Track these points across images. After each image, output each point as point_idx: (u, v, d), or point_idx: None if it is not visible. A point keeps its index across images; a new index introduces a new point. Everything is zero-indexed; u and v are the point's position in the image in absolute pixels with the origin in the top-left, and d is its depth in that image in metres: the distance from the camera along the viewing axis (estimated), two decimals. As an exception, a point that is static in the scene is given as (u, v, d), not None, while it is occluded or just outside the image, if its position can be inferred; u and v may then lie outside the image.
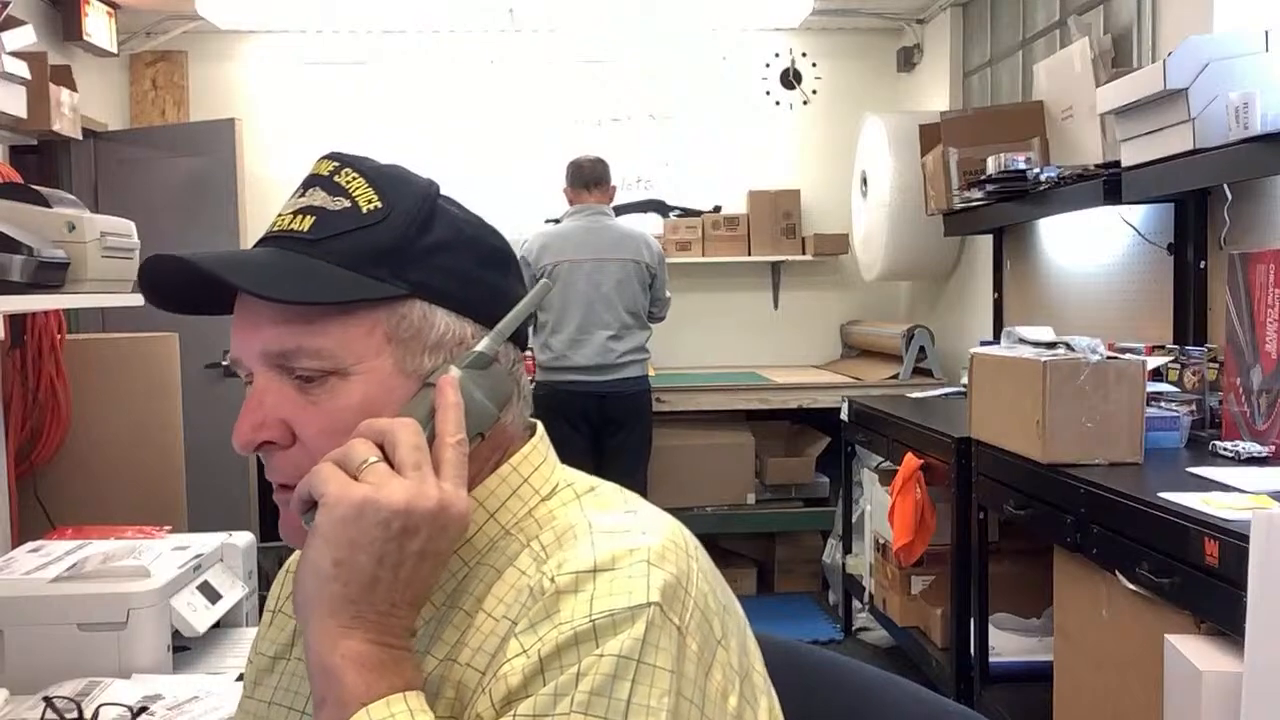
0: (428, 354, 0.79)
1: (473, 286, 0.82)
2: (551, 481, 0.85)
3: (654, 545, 0.73)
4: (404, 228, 0.79)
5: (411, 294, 0.79)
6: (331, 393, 0.77)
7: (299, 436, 0.78)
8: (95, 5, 4.30)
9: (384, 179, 0.81)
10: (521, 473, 0.84)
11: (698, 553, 0.78)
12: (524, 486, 0.83)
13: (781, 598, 4.58)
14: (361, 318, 0.77)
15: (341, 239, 0.78)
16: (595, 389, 3.96)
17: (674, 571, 0.73)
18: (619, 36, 5.12)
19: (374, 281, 0.77)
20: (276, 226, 0.82)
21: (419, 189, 0.82)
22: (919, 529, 3.01)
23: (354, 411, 0.76)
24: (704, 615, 0.74)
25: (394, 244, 0.79)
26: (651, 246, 4.08)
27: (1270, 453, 2.21)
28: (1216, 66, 2.35)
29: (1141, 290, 3.09)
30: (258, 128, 4.95)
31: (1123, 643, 2.04)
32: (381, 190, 0.80)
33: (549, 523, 0.80)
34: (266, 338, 0.78)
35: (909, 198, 4.31)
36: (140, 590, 1.54)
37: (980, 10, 4.55)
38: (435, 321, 0.79)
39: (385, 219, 0.79)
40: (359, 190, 0.80)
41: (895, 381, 4.50)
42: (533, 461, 0.85)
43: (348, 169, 0.81)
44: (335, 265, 0.77)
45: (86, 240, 2.22)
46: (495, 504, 0.82)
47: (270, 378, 0.78)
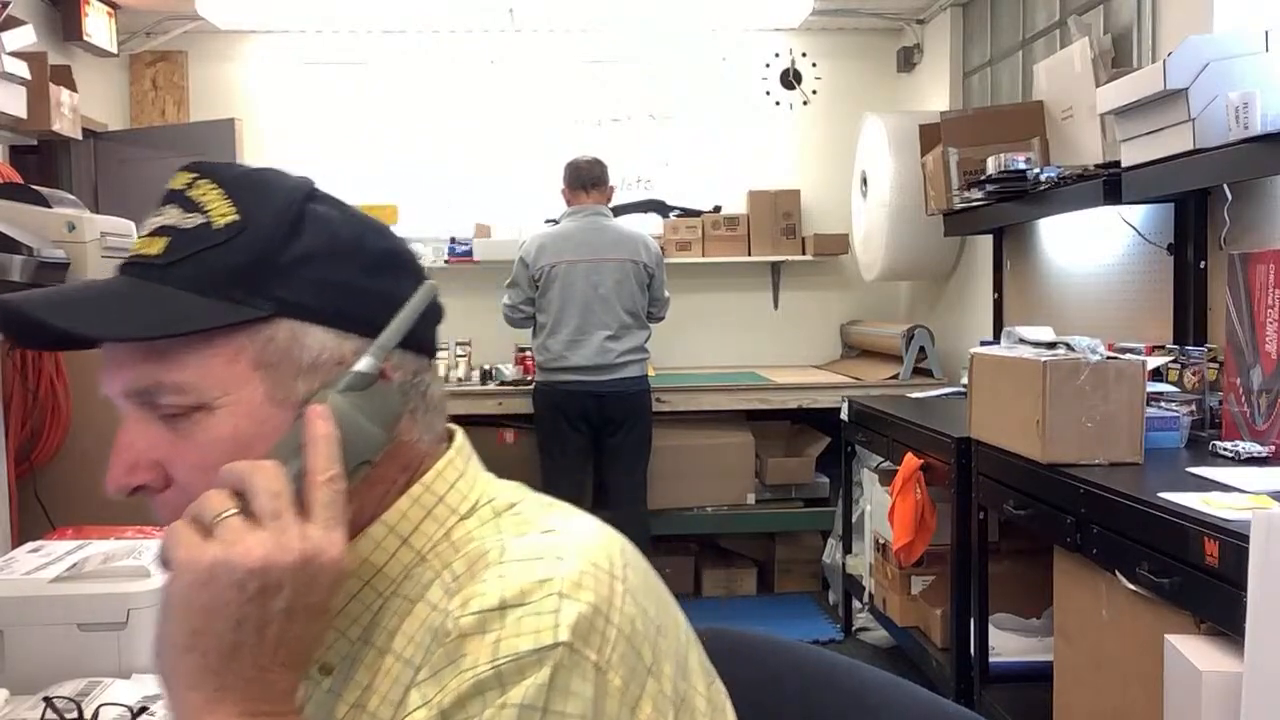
0: (302, 378, 0.72)
1: (354, 297, 0.74)
2: (470, 498, 0.78)
3: (568, 574, 0.67)
4: (263, 241, 0.72)
5: (275, 314, 0.71)
6: (200, 428, 0.71)
7: (173, 477, 0.72)
8: (95, 5, 4.30)
9: (243, 188, 0.73)
10: (435, 491, 0.77)
11: (626, 571, 0.71)
12: (439, 506, 0.77)
13: (781, 598, 4.57)
14: (222, 346, 0.71)
15: (192, 261, 0.71)
16: (594, 389, 3.96)
17: (591, 601, 0.67)
18: (619, 36, 5.12)
19: (229, 305, 0.70)
20: (133, 250, 0.75)
21: (284, 194, 0.74)
22: (919, 529, 3.01)
23: (225, 447, 0.70)
24: (630, 644, 0.68)
25: (252, 260, 0.71)
26: (650, 247, 4.08)
27: (1270, 453, 2.21)
28: (1216, 66, 2.35)
29: (1141, 290, 3.09)
30: (258, 128, 4.95)
31: (1123, 643, 2.03)
32: (238, 201, 0.72)
33: (466, 545, 0.74)
34: (125, 375, 0.72)
35: (909, 198, 4.31)
36: (140, 590, 1.54)
37: (980, 10, 4.55)
38: (307, 342, 0.72)
39: (240, 233, 0.71)
40: (213, 203, 0.73)
41: (895, 381, 4.50)
42: (447, 478, 0.78)
43: (205, 180, 0.74)
44: (186, 291, 0.70)
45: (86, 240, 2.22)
46: (408, 528, 0.76)
47: (138, 416, 0.73)
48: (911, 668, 3.28)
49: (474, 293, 4.91)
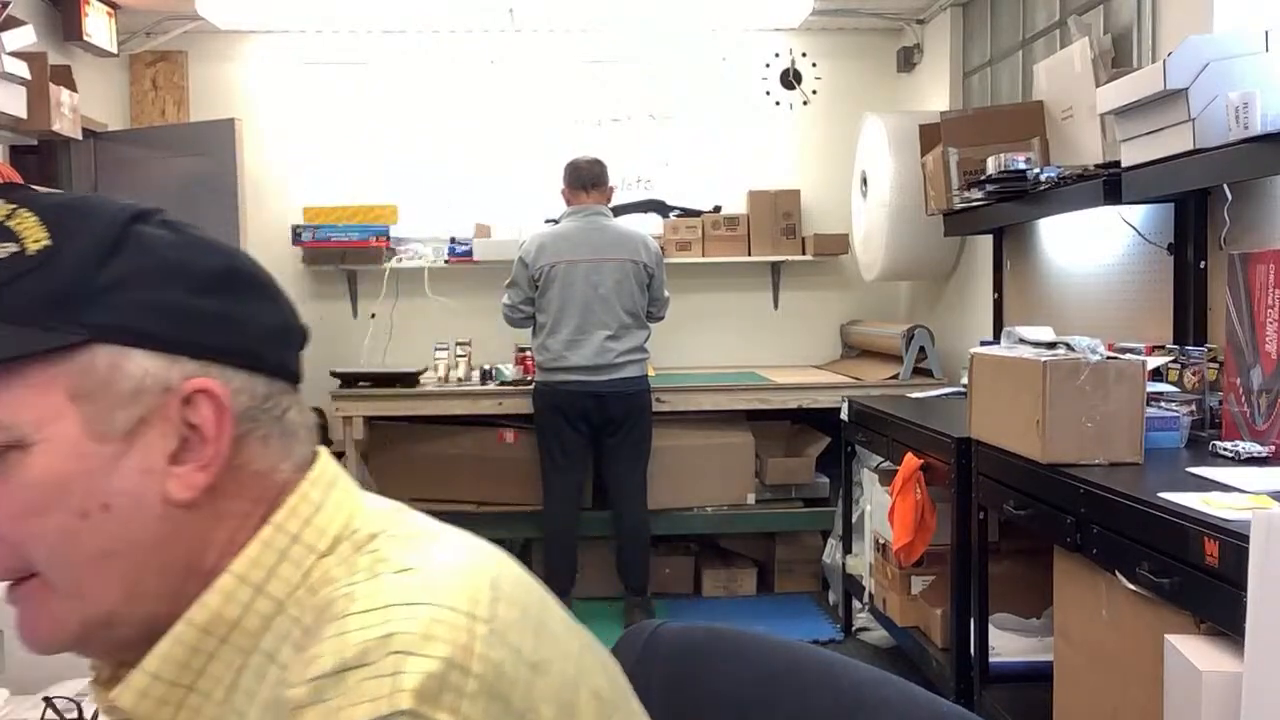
0: (122, 409, 0.67)
1: (181, 320, 0.69)
2: (330, 533, 0.72)
3: (415, 627, 0.61)
4: (75, 265, 0.67)
5: (91, 340, 0.66)
6: (15, 469, 0.66)
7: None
8: (95, 5, 4.30)
9: (59, 213, 0.68)
10: (288, 530, 0.71)
11: (495, 608, 0.66)
12: (294, 547, 0.70)
13: (781, 598, 4.57)
14: (34, 377, 0.66)
15: (4, 291, 0.66)
16: (593, 389, 3.96)
17: (443, 654, 0.61)
18: (619, 36, 5.12)
19: (37, 333, 0.66)
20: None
21: (105, 217, 0.69)
22: (919, 529, 3.01)
23: (41, 489, 0.66)
24: (494, 693, 0.62)
25: (64, 285, 0.66)
26: (649, 246, 4.08)
27: (1270, 453, 2.21)
28: (1216, 66, 2.35)
29: (1141, 290, 3.09)
30: (258, 128, 4.95)
31: (1123, 643, 2.03)
32: (53, 226, 0.68)
33: (323, 588, 0.68)
34: None
35: (909, 198, 4.31)
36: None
37: (980, 10, 4.55)
38: (128, 368, 0.67)
39: (52, 259, 0.67)
40: (28, 231, 0.68)
41: (895, 381, 4.49)
42: (301, 513, 0.72)
43: (22, 210, 0.69)
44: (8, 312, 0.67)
45: (86, 240, 2.22)
46: (260, 575, 0.69)
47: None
48: (911, 668, 3.28)
49: (474, 293, 4.92)
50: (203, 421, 0.69)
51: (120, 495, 0.67)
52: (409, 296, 4.99)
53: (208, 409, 0.69)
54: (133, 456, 0.68)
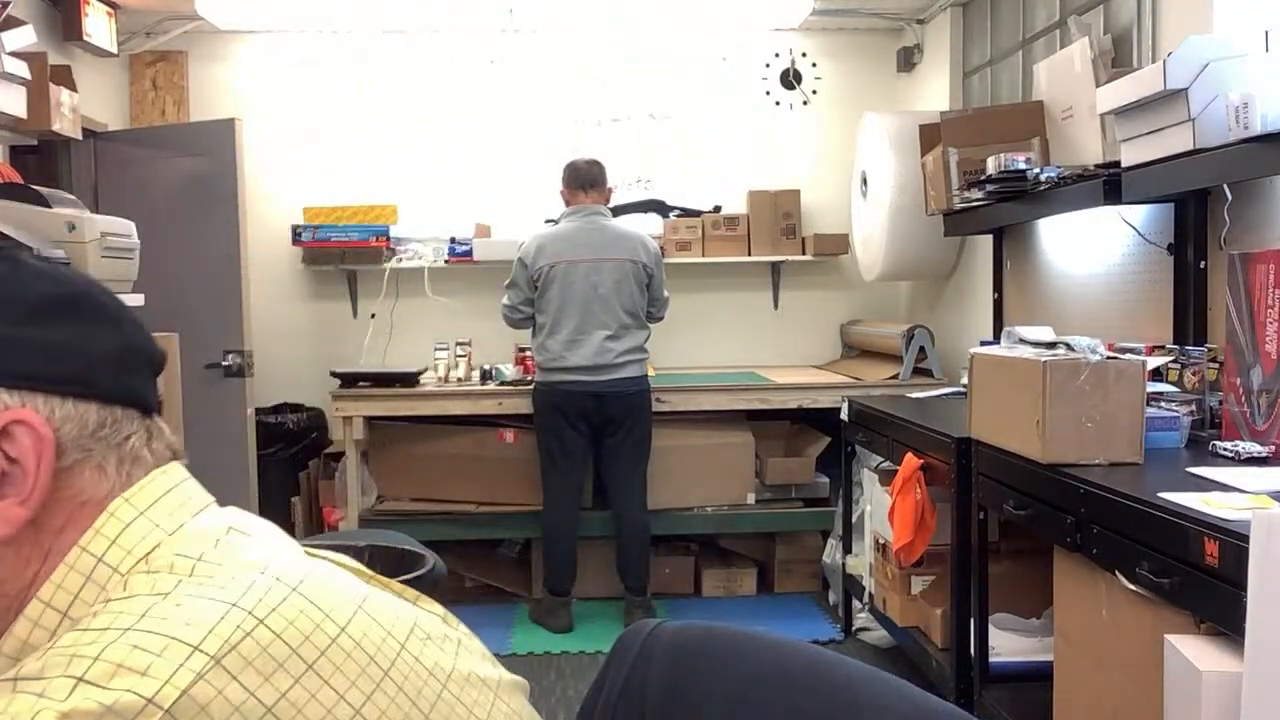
0: None
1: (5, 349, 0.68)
2: (136, 553, 0.69)
3: (112, 655, 0.59)
4: None
5: None
6: None
7: None
8: (95, 5, 4.30)
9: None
10: (93, 551, 0.68)
11: (239, 645, 0.62)
12: (98, 568, 0.68)
13: (781, 598, 4.57)
14: None
15: None
16: (593, 389, 3.96)
17: (124, 688, 0.58)
18: (619, 36, 5.12)
19: None
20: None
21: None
22: (919, 529, 3.01)
23: None
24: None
25: None
26: (649, 247, 4.08)
27: (1270, 453, 2.21)
28: (1216, 66, 2.35)
29: (1141, 290, 3.09)
30: (258, 128, 4.95)
31: (1123, 643, 2.03)
32: None
33: (105, 615, 0.64)
34: None
35: (909, 198, 4.31)
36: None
37: (980, 10, 4.55)
38: None
39: None
40: None
41: (895, 381, 4.50)
42: (107, 533, 0.69)
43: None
44: None
45: (86, 240, 2.22)
46: (65, 600, 0.67)
47: None
48: (911, 668, 3.28)
49: (474, 293, 4.93)
50: (21, 454, 0.67)
51: None
52: (409, 296, 4.99)
53: (27, 440, 0.67)
54: None
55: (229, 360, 4.33)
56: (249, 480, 4.39)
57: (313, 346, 5.03)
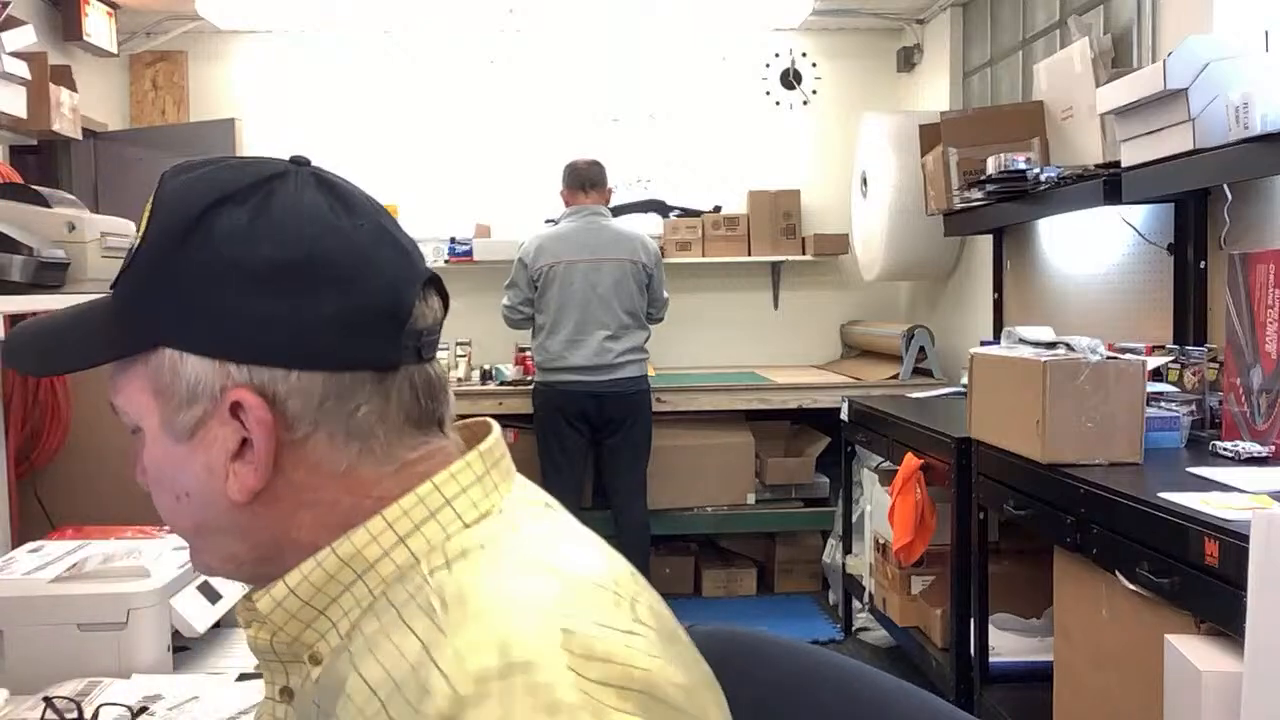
0: (184, 410, 0.69)
1: (230, 323, 0.67)
2: (480, 508, 0.72)
3: (574, 645, 0.61)
4: (150, 264, 0.69)
5: (157, 343, 0.69)
6: (142, 449, 0.74)
7: None
8: (95, 5, 4.30)
9: (165, 200, 0.70)
10: (444, 493, 0.71)
11: (636, 621, 0.66)
12: (444, 510, 0.71)
13: (781, 598, 4.57)
14: (134, 373, 0.71)
15: (120, 281, 0.72)
16: (592, 389, 3.96)
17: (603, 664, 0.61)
18: (619, 36, 5.12)
19: (123, 335, 0.70)
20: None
21: (188, 206, 0.68)
22: (919, 529, 3.01)
23: (152, 469, 0.73)
24: (652, 707, 0.62)
25: (140, 285, 0.70)
26: (648, 247, 4.08)
27: (1270, 453, 2.21)
28: (1216, 66, 2.35)
29: (1141, 290, 3.09)
30: (258, 128, 4.95)
31: (1123, 643, 2.03)
32: (151, 215, 0.70)
33: (460, 561, 0.68)
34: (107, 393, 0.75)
35: (909, 198, 4.31)
36: (140, 590, 1.54)
37: (980, 10, 4.55)
38: (183, 372, 0.68)
39: (136, 255, 0.70)
40: (144, 217, 0.71)
41: (895, 381, 4.50)
42: (460, 481, 0.72)
43: (159, 190, 0.71)
44: (106, 316, 0.72)
45: (86, 240, 2.22)
46: (407, 527, 0.70)
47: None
48: (911, 668, 3.28)
49: (474, 293, 4.92)
50: (253, 426, 0.69)
51: (193, 488, 0.72)
52: (409, 296, 4.99)
53: (255, 415, 0.68)
54: (197, 455, 0.70)
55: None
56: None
57: (313, 346, 5.03)
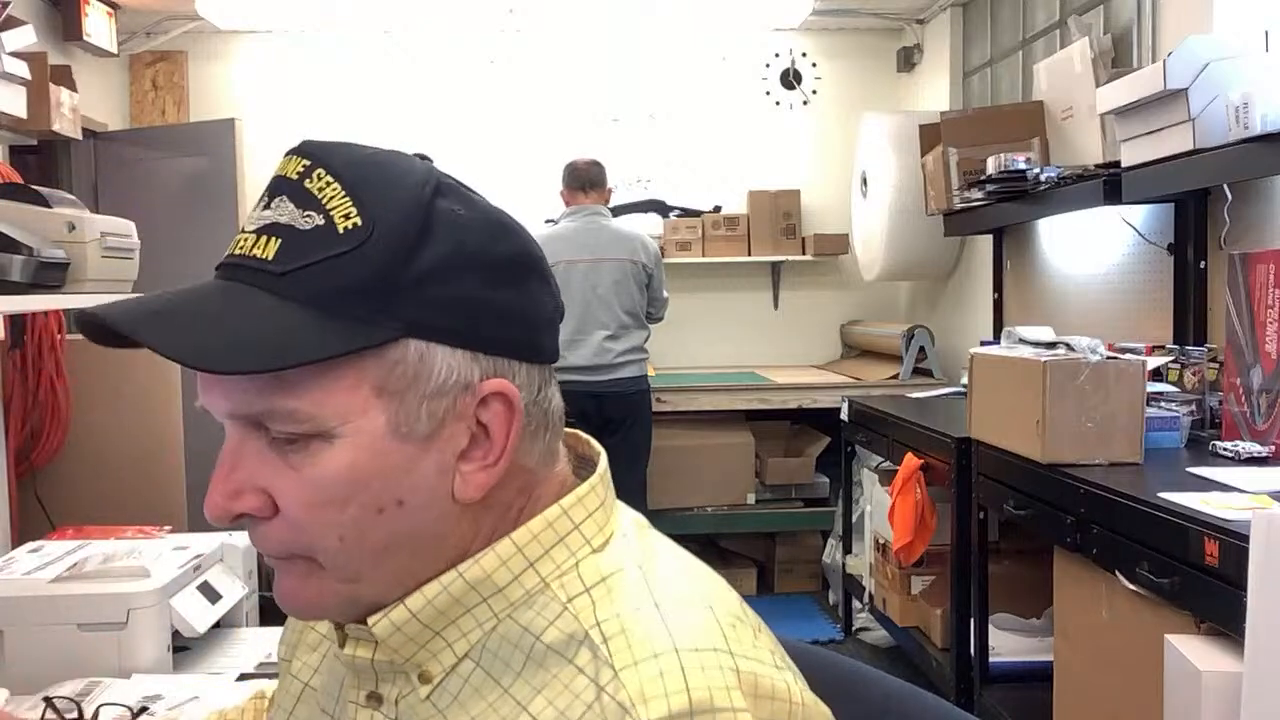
0: (427, 406, 0.65)
1: (479, 314, 0.67)
2: (605, 532, 0.72)
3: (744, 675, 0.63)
4: (390, 251, 0.64)
5: (403, 335, 0.64)
6: (314, 459, 0.65)
7: (280, 508, 0.66)
8: (95, 5, 4.30)
9: (365, 184, 0.66)
10: (573, 518, 0.71)
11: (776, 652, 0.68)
12: (573, 534, 0.70)
13: (781, 598, 4.57)
14: (344, 370, 0.64)
15: (312, 271, 0.63)
16: (592, 389, 3.96)
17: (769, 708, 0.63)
18: (619, 36, 5.12)
19: (353, 325, 0.63)
20: (239, 249, 0.66)
21: (409, 193, 0.66)
22: (919, 529, 3.01)
23: (342, 481, 0.64)
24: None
25: (379, 274, 0.63)
26: (648, 247, 4.07)
27: (1270, 453, 2.21)
28: (1216, 66, 2.35)
29: (1141, 290, 3.09)
30: (258, 128, 4.95)
31: (1123, 643, 2.03)
32: (361, 201, 0.65)
33: (599, 587, 0.68)
34: (233, 397, 0.65)
35: (909, 198, 4.31)
36: (140, 590, 1.54)
37: (980, 10, 4.55)
38: (434, 364, 0.65)
39: (366, 241, 0.64)
40: (334, 202, 0.65)
41: (895, 381, 4.50)
42: (587, 505, 0.72)
43: (320, 170, 0.66)
44: (304, 307, 0.63)
45: (86, 240, 2.22)
46: (537, 551, 0.69)
47: (245, 437, 0.66)
48: (911, 668, 3.28)
49: (474, 293, 4.92)
50: (492, 420, 0.68)
51: (415, 493, 0.66)
52: (409, 296, 4.99)
53: (499, 407, 0.68)
54: (431, 454, 0.66)
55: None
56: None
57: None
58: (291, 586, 0.69)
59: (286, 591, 0.69)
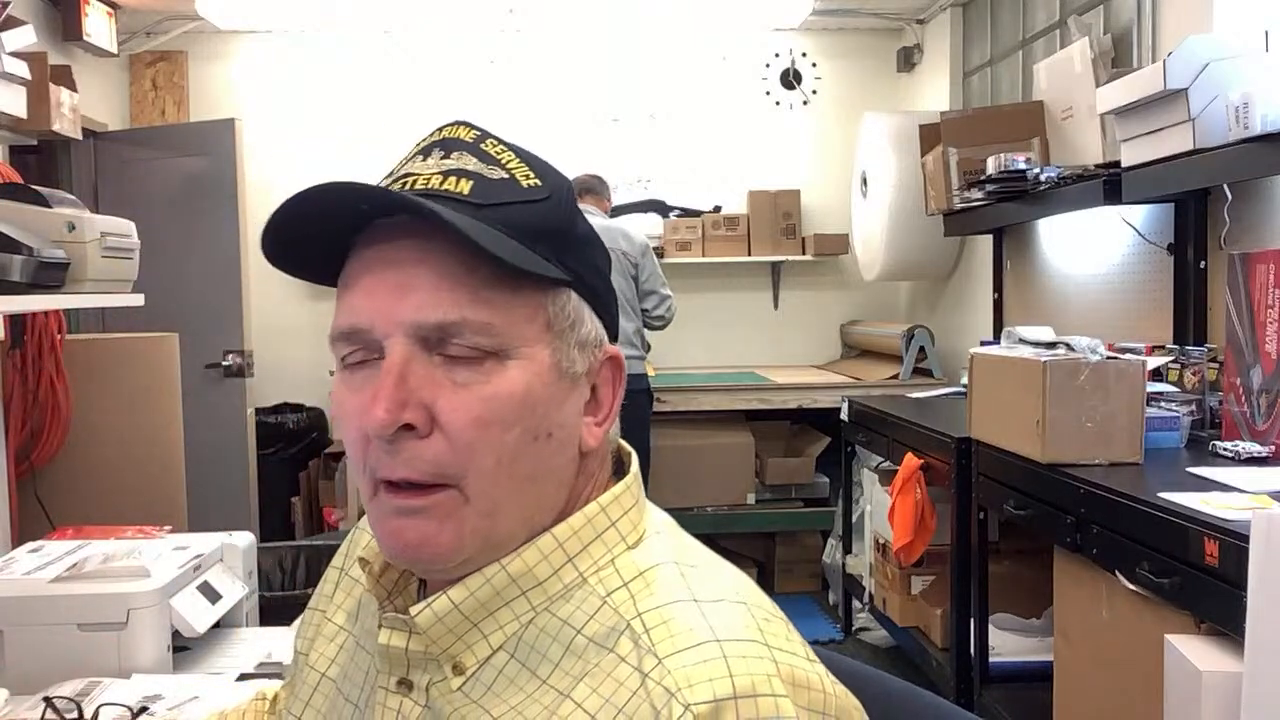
0: (577, 351, 0.72)
1: (606, 287, 0.76)
2: (639, 529, 0.75)
3: (780, 672, 0.64)
4: (563, 212, 0.72)
5: (572, 283, 0.72)
6: (487, 377, 0.68)
7: (441, 424, 0.67)
8: (95, 5, 4.30)
9: (532, 158, 0.74)
10: (610, 515, 0.73)
11: (805, 645, 0.70)
12: (609, 531, 0.73)
13: (781, 598, 4.57)
14: (527, 298, 0.69)
15: (508, 209, 0.69)
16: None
17: (806, 698, 0.65)
18: (619, 36, 5.12)
19: (544, 260, 0.70)
20: (419, 185, 0.70)
21: (563, 176, 0.75)
22: (919, 529, 3.01)
23: (514, 401, 0.68)
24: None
25: (557, 226, 0.71)
26: (631, 237, 4.02)
27: (1270, 453, 2.21)
28: (1216, 66, 2.35)
29: (1141, 290, 3.09)
30: (258, 128, 4.95)
31: (1123, 643, 2.03)
32: (535, 168, 0.73)
33: (637, 581, 0.70)
34: (422, 305, 0.67)
35: (909, 198, 4.31)
36: (140, 590, 1.54)
37: (980, 10, 4.55)
38: (584, 317, 0.73)
39: (547, 199, 0.71)
40: (513, 164, 0.72)
41: (895, 381, 4.50)
42: (623, 503, 0.75)
43: (492, 139, 0.74)
44: (506, 235, 0.68)
45: (86, 240, 2.22)
46: (576, 546, 0.72)
47: (413, 353, 0.67)
48: (911, 668, 3.28)
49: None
50: (603, 385, 0.75)
51: (562, 428, 0.71)
52: (409, 296, 4.98)
53: (609, 373, 0.76)
54: (574, 397, 0.72)
55: (229, 360, 4.33)
56: (249, 480, 4.39)
57: (313, 346, 5.02)
58: (427, 531, 0.69)
59: (419, 537, 0.69)
